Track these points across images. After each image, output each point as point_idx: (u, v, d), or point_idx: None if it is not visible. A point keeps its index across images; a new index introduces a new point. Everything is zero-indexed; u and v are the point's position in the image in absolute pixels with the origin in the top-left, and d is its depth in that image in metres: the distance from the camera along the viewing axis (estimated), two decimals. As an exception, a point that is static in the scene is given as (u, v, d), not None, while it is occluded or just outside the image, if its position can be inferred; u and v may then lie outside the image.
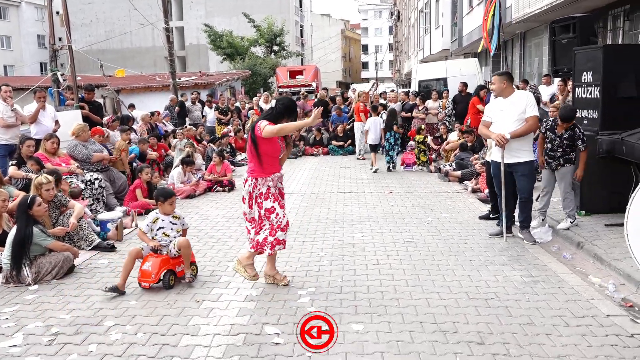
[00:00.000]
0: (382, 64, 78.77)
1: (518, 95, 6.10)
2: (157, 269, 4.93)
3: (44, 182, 5.96)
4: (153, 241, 5.09)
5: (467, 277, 5.11)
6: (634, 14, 11.07)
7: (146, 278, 4.93)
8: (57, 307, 4.63)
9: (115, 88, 21.29)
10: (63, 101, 12.14)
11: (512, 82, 6.21)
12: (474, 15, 21.38)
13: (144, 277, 4.95)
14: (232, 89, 28.24)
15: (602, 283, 4.88)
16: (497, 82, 6.12)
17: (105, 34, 46.32)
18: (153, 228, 5.16)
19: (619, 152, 6.06)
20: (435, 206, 8.29)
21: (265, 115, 5.00)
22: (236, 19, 45.83)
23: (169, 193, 5.28)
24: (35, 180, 6.00)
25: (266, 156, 4.80)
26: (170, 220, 5.22)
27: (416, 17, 40.41)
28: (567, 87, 10.06)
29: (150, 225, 5.16)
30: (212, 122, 16.49)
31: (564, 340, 3.80)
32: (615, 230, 6.14)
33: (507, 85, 6.10)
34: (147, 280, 4.93)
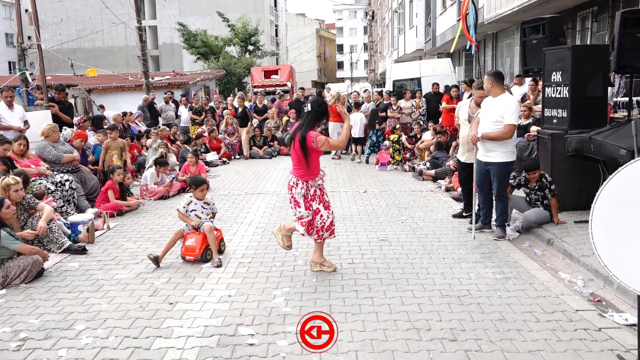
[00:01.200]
0: (357, 64, 79.12)
1: (501, 99, 6.15)
2: (200, 244, 5.68)
3: (12, 183, 5.82)
4: (194, 221, 5.86)
5: (441, 275, 5.16)
6: (601, 15, 11.32)
7: (191, 252, 5.67)
8: (25, 311, 4.54)
9: (87, 88, 20.91)
10: (32, 101, 11.91)
11: (501, 83, 6.24)
12: (447, 16, 21.61)
13: (189, 251, 5.68)
14: (207, 89, 28.02)
15: (572, 279, 4.99)
16: (486, 82, 6.23)
17: (76, 32, 45.49)
18: (188, 209, 5.92)
19: (587, 150, 6.18)
20: (410, 205, 8.36)
21: (305, 123, 5.10)
22: (210, 18, 45.48)
23: (199, 181, 6.05)
24: (3, 181, 5.85)
25: (314, 161, 5.10)
26: (201, 204, 5.99)
27: (390, 18, 40.67)
28: (538, 86, 10.23)
29: (185, 207, 5.93)
30: (186, 122, 16.33)
31: (535, 335, 3.86)
32: (584, 226, 6.26)
33: (493, 85, 6.17)
34: (192, 254, 5.66)
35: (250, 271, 5.44)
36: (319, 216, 5.13)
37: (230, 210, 8.26)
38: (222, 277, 5.28)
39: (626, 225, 3.03)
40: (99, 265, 5.77)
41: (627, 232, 3.03)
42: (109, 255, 6.14)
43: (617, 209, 3.07)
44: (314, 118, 5.05)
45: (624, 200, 3.04)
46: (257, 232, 6.97)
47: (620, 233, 3.05)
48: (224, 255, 5.98)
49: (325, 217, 5.15)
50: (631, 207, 3.02)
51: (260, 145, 15.14)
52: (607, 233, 3.09)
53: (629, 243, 3.02)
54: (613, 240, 3.08)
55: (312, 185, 5.10)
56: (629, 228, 3.02)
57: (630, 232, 3.01)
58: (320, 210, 5.13)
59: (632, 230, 3.01)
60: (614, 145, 5.67)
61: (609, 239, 3.09)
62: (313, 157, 5.05)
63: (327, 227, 5.19)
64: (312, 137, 4.94)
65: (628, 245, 3.02)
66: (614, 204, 3.07)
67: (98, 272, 5.52)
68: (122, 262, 5.84)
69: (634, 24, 6.20)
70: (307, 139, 4.95)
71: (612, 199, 3.08)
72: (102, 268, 5.66)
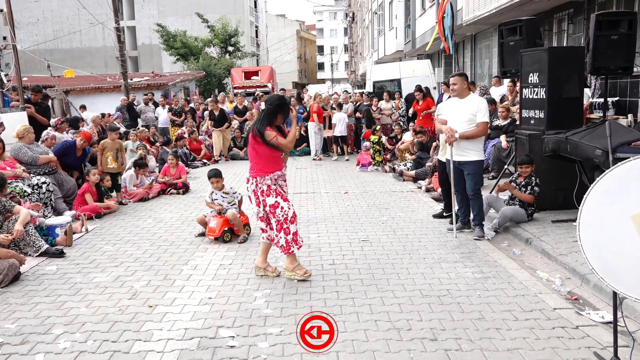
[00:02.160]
0: (337, 65, 79.21)
1: (471, 99, 6.30)
2: (219, 226, 6.53)
3: None
4: (217, 206, 6.81)
5: (421, 275, 5.19)
6: (577, 17, 11.49)
7: (212, 232, 6.55)
8: (1, 316, 4.45)
9: (64, 89, 20.65)
10: (7, 102, 11.70)
11: (468, 83, 6.41)
12: (426, 17, 21.76)
13: (210, 232, 6.57)
14: (187, 90, 27.83)
15: (549, 277, 5.06)
16: (459, 83, 6.28)
17: (53, 33, 44.83)
18: (212, 198, 6.87)
19: (563, 150, 6.28)
20: (390, 205, 8.39)
21: (259, 119, 5.08)
22: (190, 19, 45.20)
23: (211, 175, 6.90)
24: None
25: (266, 157, 5.04)
26: (221, 194, 6.90)
27: (370, 19, 40.81)
28: (516, 87, 10.36)
29: (210, 197, 6.90)
30: (164, 123, 16.19)
31: (514, 334, 3.91)
32: (562, 226, 6.37)
33: (466, 86, 6.31)
34: (212, 235, 6.54)
35: (230, 273, 5.41)
36: (279, 209, 5.03)
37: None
38: (203, 279, 5.25)
39: (612, 225, 3.07)
40: (77, 268, 5.69)
41: (612, 232, 3.07)
42: (88, 258, 6.06)
43: (603, 209, 3.11)
44: (267, 114, 5.03)
45: (611, 200, 3.08)
46: (238, 233, 6.94)
47: (606, 232, 3.09)
48: (204, 257, 5.95)
49: (285, 208, 5.04)
50: (617, 206, 3.06)
51: (241, 146, 15.08)
52: (593, 233, 3.13)
53: (614, 243, 3.07)
54: (599, 240, 3.12)
55: (262, 182, 5.03)
56: (614, 229, 3.06)
57: (615, 232, 3.06)
58: (280, 203, 5.04)
59: (617, 230, 3.06)
60: (589, 145, 5.77)
61: (594, 239, 3.13)
62: (263, 153, 5.01)
63: (290, 218, 5.05)
64: (261, 133, 4.94)
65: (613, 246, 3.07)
66: (601, 204, 3.11)
67: (76, 276, 5.44)
68: (100, 265, 5.77)
69: (608, 26, 6.31)
70: (256, 134, 4.98)
71: (600, 198, 3.11)
72: (80, 271, 5.58)
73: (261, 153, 5.02)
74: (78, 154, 9.01)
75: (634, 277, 3.00)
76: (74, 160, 9.00)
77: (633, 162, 3.05)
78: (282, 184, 5.16)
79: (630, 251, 3.00)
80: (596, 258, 3.11)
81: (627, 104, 9.32)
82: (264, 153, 5.01)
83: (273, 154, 5.06)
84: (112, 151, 9.20)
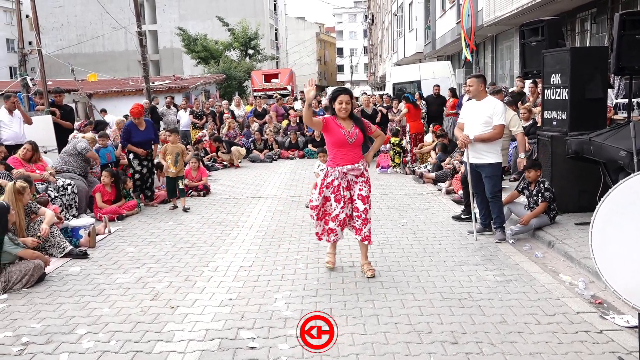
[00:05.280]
0: (357, 67, 79.22)
1: (488, 101, 6.25)
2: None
3: (25, 186, 5.82)
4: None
5: (442, 278, 5.16)
6: (600, 17, 11.34)
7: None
8: (27, 316, 4.55)
9: (88, 92, 20.98)
10: (33, 106, 11.93)
11: (485, 85, 6.36)
12: (446, 19, 21.65)
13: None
14: (207, 93, 28.07)
15: (572, 281, 4.98)
16: (474, 84, 6.24)
17: (76, 37, 45.59)
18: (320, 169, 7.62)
19: (587, 152, 6.19)
20: (410, 208, 8.36)
21: None
22: (210, 23, 45.52)
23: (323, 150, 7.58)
24: (16, 184, 5.80)
25: (331, 147, 5.19)
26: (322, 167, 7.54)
27: (390, 21, 40.73)
28: (537, 89, 10.24)
29: (318, 168, 8.26)
30: (185, 126, 16.37)
31: (536, 338, 3.86)
32: (585, 229, 6.24)
33: (483, 88, 6.26)
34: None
35: (251, 275, 5.44)
36: (328, 204, 5.24)
37: (231, 214, 8.27)
38: (223, 280, 5.28)
39: (626, 234, 3.02)
40: (100, 269, 5.78)
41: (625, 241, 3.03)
42: (110, 259, 6.14)
43: (617, 218, 3.06)
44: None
45: (626, 209, 3.03)
46: (258, 235, 6.98)
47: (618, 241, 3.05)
48: (224, 259, 6.00)
49: (333, 207, 5.20)
50: (632, 216, 3.02)
51: (260, 149, 15.15)
52: (604, 239, 3.09)
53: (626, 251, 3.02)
54: (610, 246, 3.08)
55: (330, 174, 5.18)
56: (628, 238, 3.02)
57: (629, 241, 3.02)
58: (330, 200, 5.20)
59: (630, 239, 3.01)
60: (613, 147, 5.68)
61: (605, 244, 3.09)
62: (329, 141, 5.23)
63: (333, 217, 5.21)
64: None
65: (625, 253, 3.02)
66: (615, 213, 3.07)
67: (99, 277, 5.52)
68: (123, 267, 5.85)
69: (632, 26, 6.21)
70: None
71: (615, 207, 3.07)
72: (103, 272, 5.67)
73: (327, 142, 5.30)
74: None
75: None
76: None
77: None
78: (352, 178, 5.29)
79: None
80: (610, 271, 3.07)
81: (653, 105, 9.14)
82: (328, 142, 5.25)
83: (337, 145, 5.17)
84: (172, 155, 8.79)
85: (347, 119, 5.18)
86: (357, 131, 5.14)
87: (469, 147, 6.27)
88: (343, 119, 5.16)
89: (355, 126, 5.16)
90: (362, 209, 5.18)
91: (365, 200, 5.20)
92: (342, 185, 5.16)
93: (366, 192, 5.22)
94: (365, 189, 5.22)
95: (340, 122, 5.14)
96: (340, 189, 5.15)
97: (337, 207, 5.16)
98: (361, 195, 5.19)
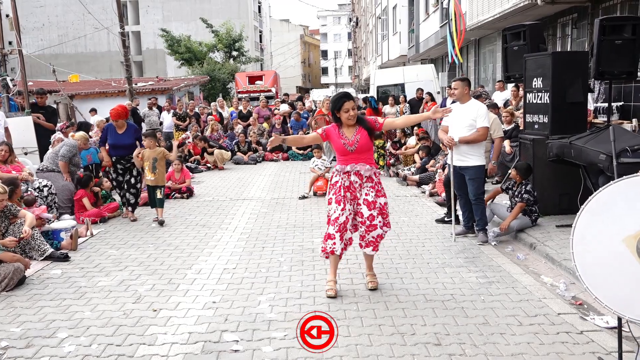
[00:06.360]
0: (341, 70, 79.36)
1: (472, 104, 6.33)
2: (325, 184, 8.37)
3: (1, 191, 5.74)
4: (318, 170, 9.71)
5: (425, 280, 5.19)
6: (581, 22, 11.49)
7: (320, 189, 9.35)
8: (6, 320, 4.48)
9: (69, 93, 20.74)
10: (14, 107, 11.76)
11: (469, 89, 6.44)
12: (430, 22, 21.79)
13: (319, 189, 9.44)
14: (191, 95, 27.91)
15: (554, 282, 5.05)
16: (459, 87, 6.32)
17: (58, 38, 45.00)
18: (315, 165, 9.99)
19: (567, 155, 6.27)
20: (394, 210, 8.38)
21: None
22: (194, 24, 45.34)
23: (317, 146, 10.29)
24: None
25: (336, 152, 5.01)
26: (320, 161, 10.04)
27: (374, 24, 40.87)
28: (519, 92, 10.36)
29: (313, 164, 10.04)
30: (169, 128, 16.25)
31: (518, 339, 3.90)
32: (566, 231, 6.34)
33: (467, 91, 6.34)
34: (321, 190, 9.29)
35: (235, 277, 5.42)
36: (330, 207, 4.91)
37: (214, 217, 8.23)
38: (207, 283, 5.26)
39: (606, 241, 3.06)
40: (82, 272, 5.71)
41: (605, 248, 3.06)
42: (92, 262, 6.08)
43: (597, 225, 3.09)
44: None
45: (605, 216, 3.07)
46: (242, 237, 6.96)
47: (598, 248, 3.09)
48: (208, 262, 5.97)
49: (332, 210, 4.86)
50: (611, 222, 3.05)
51: (244, 150, 15.11)
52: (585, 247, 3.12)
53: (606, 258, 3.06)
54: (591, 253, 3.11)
55: (335, 174, 4.96)
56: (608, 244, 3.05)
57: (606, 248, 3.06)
58: (332, 202, 4.89)
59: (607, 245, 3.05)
60: (593, 150, 5.76)
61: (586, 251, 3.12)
62: (333, 146, 5.02)
63: (332, 220, 4.85)
64: None
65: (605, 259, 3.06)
66: (595, 220, 3.10)
67: (81, 280, 5.46)
68: (105, 269, 5.79)
69: (612, 31, 6.31)
70: None
71: (595, 214, 3.10)
72: (84, 275, 5.60)
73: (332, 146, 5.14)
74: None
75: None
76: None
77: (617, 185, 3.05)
78: (355, 180, 4.95)
79: (626, 273, 2.99)
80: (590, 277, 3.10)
81: (632, 109, 9.30)
82: (333, 146, 5.04)
83: (338, 150, 4.93)
84: (149, 161, 7.90)
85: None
86: (359, 137, 4.80)
87: (453, 150, 6.33)
88: (348, 126, 4.87)
89: (359, 130, 4.83)
90: (366, 215, 4.82)
91: (371, 206, 4.84)
92: (344, 185, 4.84)
93: (373, 197, 4.86)
94: (372, 194, 4.87)
95: (342, 130, 4.86)
96: (341, 189, 4.84)
97: (337, 208, 4.81)
98: (367, 201, 4.84)
